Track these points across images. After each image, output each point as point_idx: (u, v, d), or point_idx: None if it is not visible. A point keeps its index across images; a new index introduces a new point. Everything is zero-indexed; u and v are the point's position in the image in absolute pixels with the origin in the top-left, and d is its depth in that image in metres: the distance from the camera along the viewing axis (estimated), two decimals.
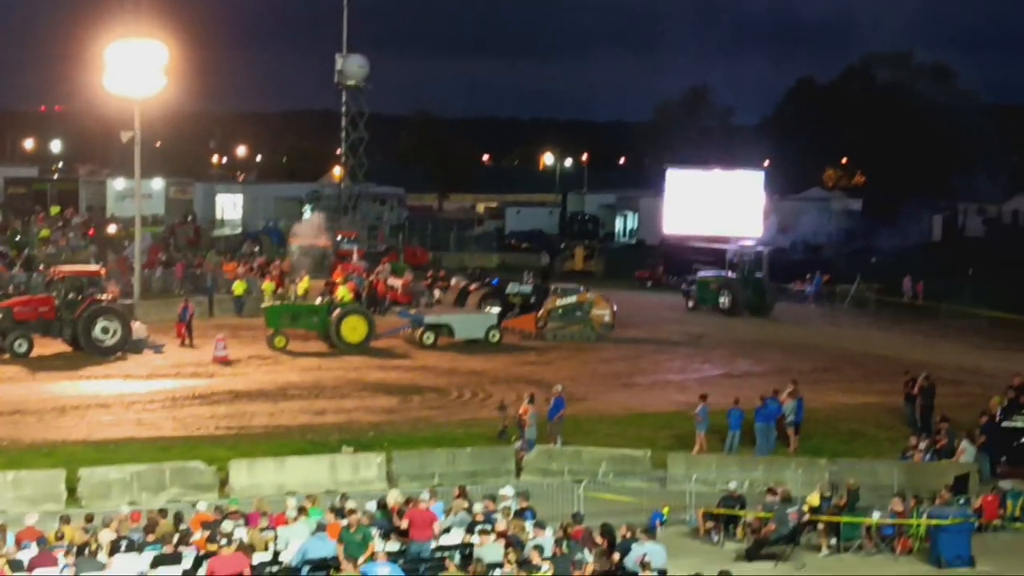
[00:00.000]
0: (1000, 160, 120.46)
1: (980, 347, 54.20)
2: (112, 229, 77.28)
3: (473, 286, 58.57)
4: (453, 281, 60.83)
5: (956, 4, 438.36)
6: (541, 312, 53.01)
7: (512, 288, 56.12)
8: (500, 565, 21.25)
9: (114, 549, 22.04)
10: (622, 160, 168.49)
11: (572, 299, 53.83)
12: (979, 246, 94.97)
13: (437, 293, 60.66)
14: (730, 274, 64.11)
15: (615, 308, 54.34)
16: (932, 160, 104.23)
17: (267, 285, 56.88)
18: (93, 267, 53.74)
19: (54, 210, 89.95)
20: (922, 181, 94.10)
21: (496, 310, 52.98)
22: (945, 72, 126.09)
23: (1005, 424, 32.73)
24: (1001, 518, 27.95)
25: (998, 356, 51.21)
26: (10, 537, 22.64)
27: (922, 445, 32.74)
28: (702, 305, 62.96)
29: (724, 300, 61.69)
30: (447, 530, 23.94)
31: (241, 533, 22.45)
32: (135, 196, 64.00)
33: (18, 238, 74.11)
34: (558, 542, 21.95)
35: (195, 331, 49.35)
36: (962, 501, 27.73)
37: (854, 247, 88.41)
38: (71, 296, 46.11)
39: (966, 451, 31.92)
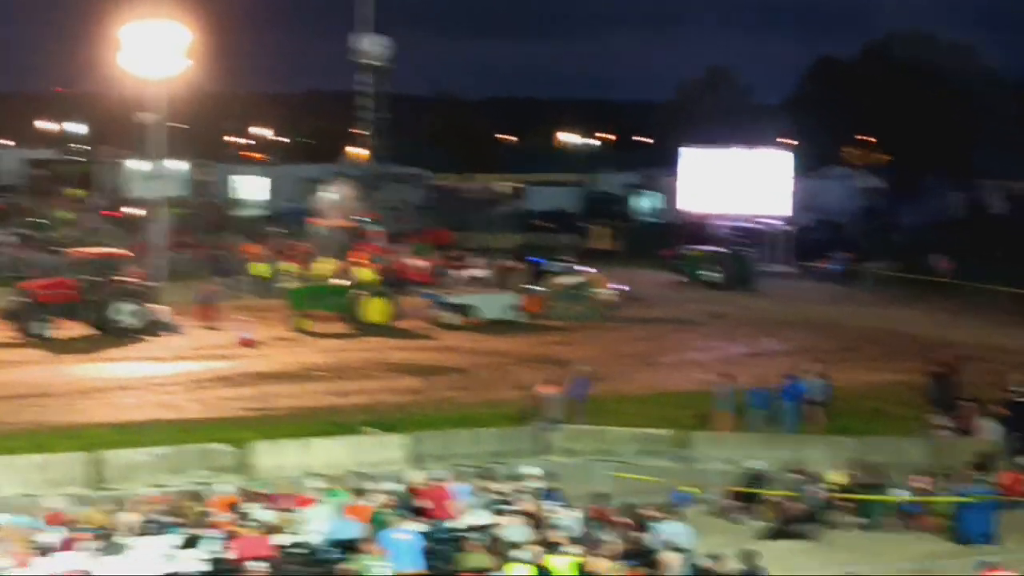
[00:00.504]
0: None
1: (1004, 324, 53.98)
2: (141, 212, 77.35)
3: (517, 266, 59.77)
4: (468, 262, 60.73)
5: None
6: (544, 292, 53.00)
7: (554, 267, 56.71)
8: (523, 545, 21.25)
9: (140, 532, 22.13)
10: (647, 140, 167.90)
11: (579, 278, 53.94)
12: (1004, 224, 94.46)
13: (459, 272, 60.49)
14: (722, 250, 64.25)
15: (624, 288, 54.44)
16: (955, 138, 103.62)
17: (290, 266, 56.91)
18: (117, 249, 53.85)
19: (80, 192, 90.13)
20: (945, 159, 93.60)
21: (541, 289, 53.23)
22: (967, 50, 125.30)
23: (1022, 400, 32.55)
24: None
25: (1023, 334, 51.00)
26: (36, 521, 22.72)
27: (946, 423, 32.66)
28: (694, 280, 62.91)
29: (711, 275, 61.28)
30: (469, 509, 23.95)
31: (266, 515, 22.52)
32: (158, 178, 64.07)
33: (42, 220, 74.30)
34: (584, 522, 21.98)
35: (218, 313, 49.41)
36: (986, 478, 27.65)
37: (877, 224, 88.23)
38: (96, 278, 46.21)
39: (984, 428, 31.84)
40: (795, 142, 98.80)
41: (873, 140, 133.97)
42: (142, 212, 75.30)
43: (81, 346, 44.65)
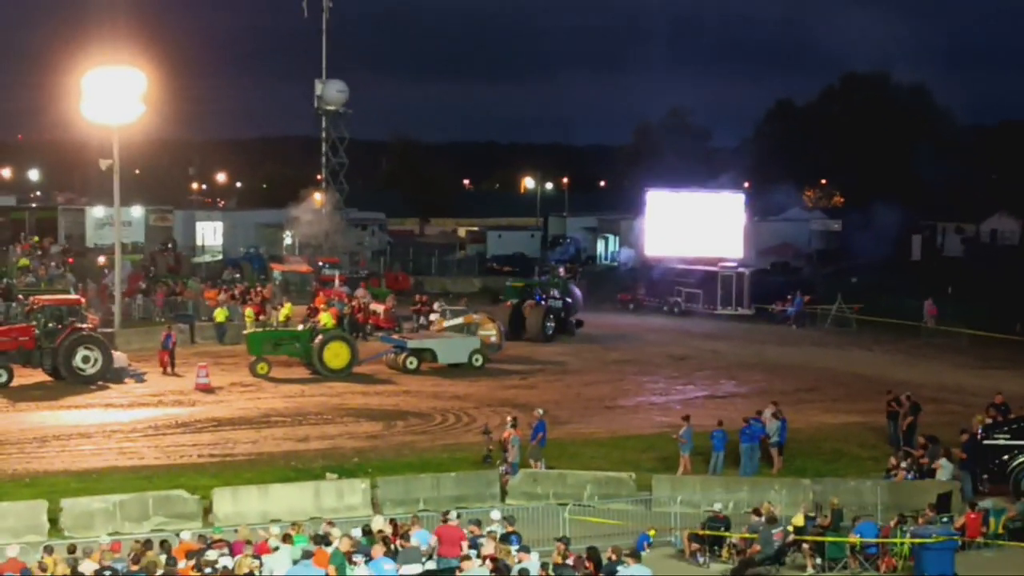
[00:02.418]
0: (978, 179, 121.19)
1: (961, 366, 54.43)
2: (102, 259, 77.07)
3: (529, 303, 60.25)
4: (436, 306, 60.81)
5: (934, 25, 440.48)
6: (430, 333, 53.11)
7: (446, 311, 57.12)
8: None
9: None
10: (602, 183, 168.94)
11: (459, 320, 54.02)
12: (958, 265, 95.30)
13: (431, 317, 60.39)
14: (543, 278, 66.80)
15: (502, 328, 54.69)
16: (911, 180, 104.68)
17: (248, 312, 56.82)
18: (73, 296, 53.61)
19: (37, 239, 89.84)
20: (901, 201, 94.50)
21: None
22: (923, 93, 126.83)
23: (987, 442, 32.79)
24: (984, 536, 28.02)
25: (979, 374, 51.50)
26: None
27: (904, 464, 32.83)
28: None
29: (530, 302, 61.51)
30: (475, 546, 23.84)
31: (226, 561, 22.37)
32: (115, 224, 63.85)
33: None
34: (544, 566, 21.92)
35: (177, 359, 49.21)
36: (945, 519, 27.77)
37: (834, 267, 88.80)
38: (51, 325, 45.97)
39: (943, 468, 32.04)
40: (752, 184, 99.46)
41: (828, 183, 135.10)
42: (100, 258, 75.13)
43: (38, 393, 44.36)
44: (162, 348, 49.18)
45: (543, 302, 60.87)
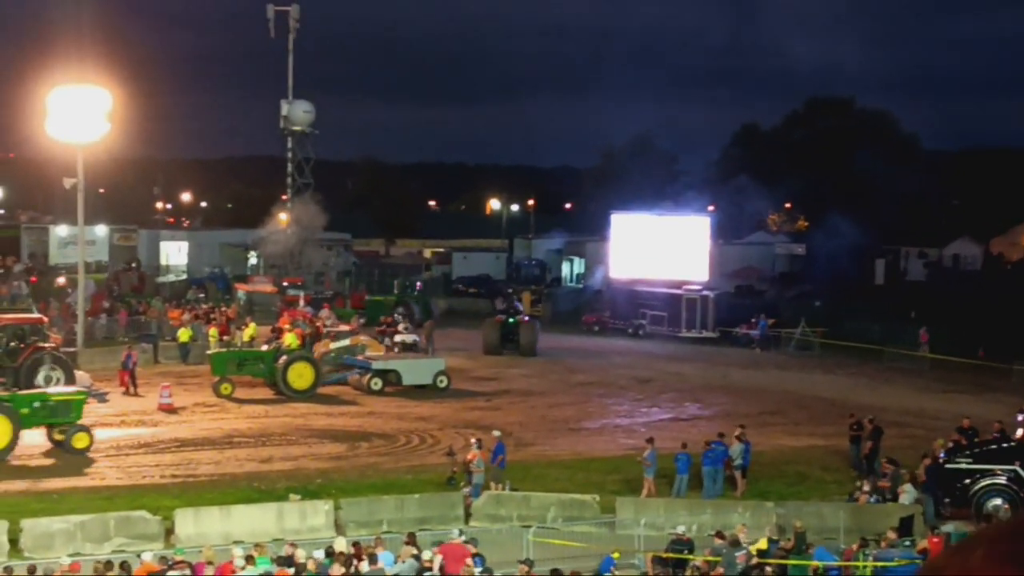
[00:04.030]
0: (941, 204, 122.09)
1: (922, 389, 54.72)
2: (62, 280, 76.70)
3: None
4: (400, 327, 60.79)
5: (899, 52, 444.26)
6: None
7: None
8: None
9: None
10: (568, 205, 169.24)
11: (345, 342, 53.90)
12: (920, 289, 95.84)
13: (395, 338, 60.42)
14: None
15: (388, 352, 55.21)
16: (874, 204, 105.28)
17: (212, 332, 56.63)
18: (36, 315, 53.32)
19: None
20: (864, 225, 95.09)
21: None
22: (887, 118, 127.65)
23: (949, 466, 32.95)
24: None
25: (941, 398, 51.81)
26: None
27: (867, 487, 32.95)
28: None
29: (397, 315, 62.91)
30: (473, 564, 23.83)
31: None
32: (79, 243, 63.56)
33: None
34: None
35: (140, 379, 48.96)
36: (907, 543, 27.87)
37: (798, 291, 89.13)
38: (13, 344, 45.70)
39: (907, 492, 32.17)
40: (718, 208, 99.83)
41: (792, 207, 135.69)
42: (60, 279, 74.78)
43: None
44: (122, 368, 48.91)
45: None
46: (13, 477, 35.02)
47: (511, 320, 62.86)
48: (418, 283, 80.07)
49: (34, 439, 39.80)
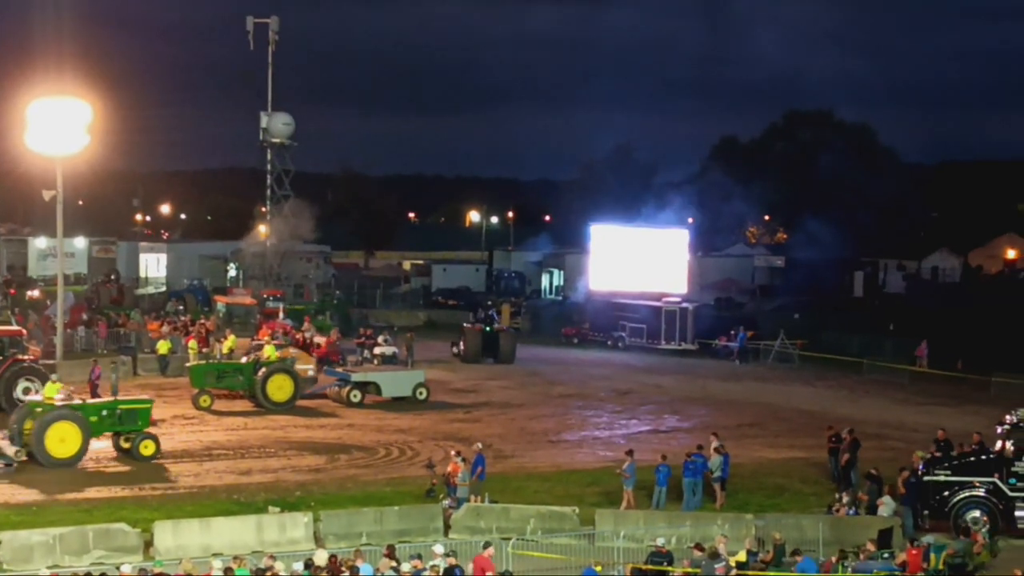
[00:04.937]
0: (920, 217, 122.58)
1: (902, 402, 54.92)
2: (35, 293, 76.44)
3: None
4: (380, 339, 60.74)
5: (878, 64, 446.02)
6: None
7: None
8: None
9: None
10: (548, 218, 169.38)
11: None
12: (899, 301, 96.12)
13: (375, 350, 60.45)
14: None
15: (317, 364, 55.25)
16: (853, 217, 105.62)
17: (192, 344, 56.48)
18: (14, 327, 53.10)
19: None
20: (843, 238, 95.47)
21: None
22: (866, 131, 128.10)
23: (927, 478, 33.03)
24: (925, 571, 28.17)
25: (919, 411, 51.98)
26: None
27: (846, 499, 33.03)
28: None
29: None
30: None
31: None
32: (58, 255, 63.34)
33: None
34: None
35: (120, 391, 48.57)
36: (886, 555, 27.94)
37: (777, 303, 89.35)
38: None
39: (886, 505, 32.25)
40: (695, 221, 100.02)
41: (771, 219, 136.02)
42: (42, 291, 74.48)
43: None
44: (89, 381, 48.31)
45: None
46: None
47: (488, 329, 64.23)
48: (337, 291, 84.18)
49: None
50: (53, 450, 37.43)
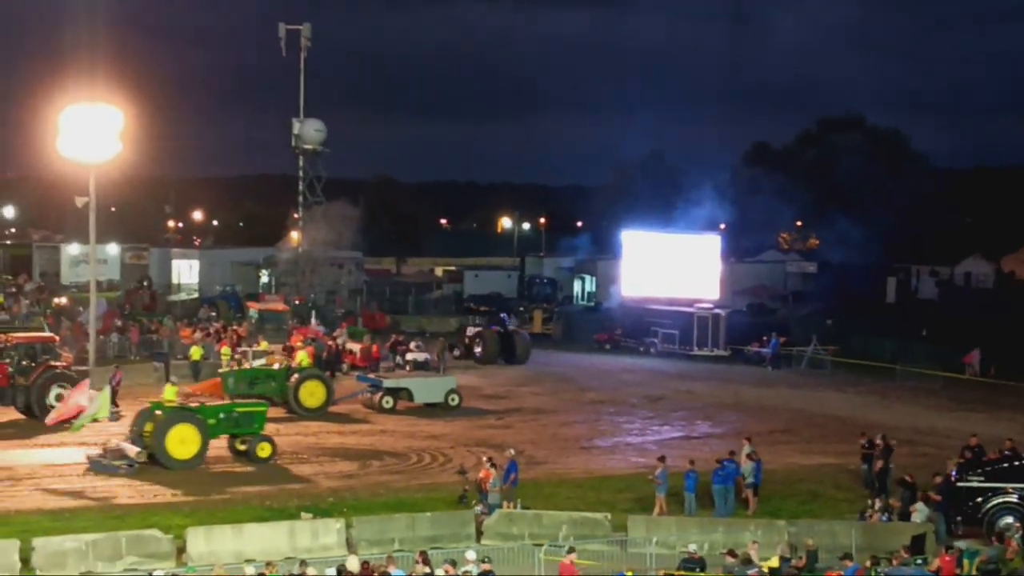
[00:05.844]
0: (953, 223, 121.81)
1: (934, 408, 54.62)
2: (63, 300, 76.73)
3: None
4: (412, 345, 60.83)
5: (911, 68, 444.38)
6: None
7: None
8: None
9: None
10: (580, 223, 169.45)
11: (262, 360, 53.57)
12: (932, 307, 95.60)
13: (407, 356, 60.41)
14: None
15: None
16: (886, 223, 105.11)
17: (224, 350, 56.62)
18: (47, 334, 53.37)
19: (11, 276, 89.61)
20: (876, 244, 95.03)
21: None
22: (899, 136, 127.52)
23: (960, 484, 32.87)
24: None
25: (952, 417, 51.73)
26: None
27: (878, 505, 32.91)
28: None
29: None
30: None
31: None
32: (90, 261, 63.60)
33: None
34: None
35: (152, 398, 48.74)
36: (919, 561, 27.82)
37: (810, 309, 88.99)
38: (25, 363, 45.77)
39: (919, 511, 32.11)
40: (728, 227, 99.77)
41: (803, 225, 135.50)
42: (71, 299, 74.77)
43: (11, 431, 44.16)
44: (109, 385, 48.25)
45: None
46: (25, 496, 35.09)
47: (501, 332, 67.13)
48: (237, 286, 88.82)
49: (48, 457, 39.92)
50: (174, 451, 38.47)
